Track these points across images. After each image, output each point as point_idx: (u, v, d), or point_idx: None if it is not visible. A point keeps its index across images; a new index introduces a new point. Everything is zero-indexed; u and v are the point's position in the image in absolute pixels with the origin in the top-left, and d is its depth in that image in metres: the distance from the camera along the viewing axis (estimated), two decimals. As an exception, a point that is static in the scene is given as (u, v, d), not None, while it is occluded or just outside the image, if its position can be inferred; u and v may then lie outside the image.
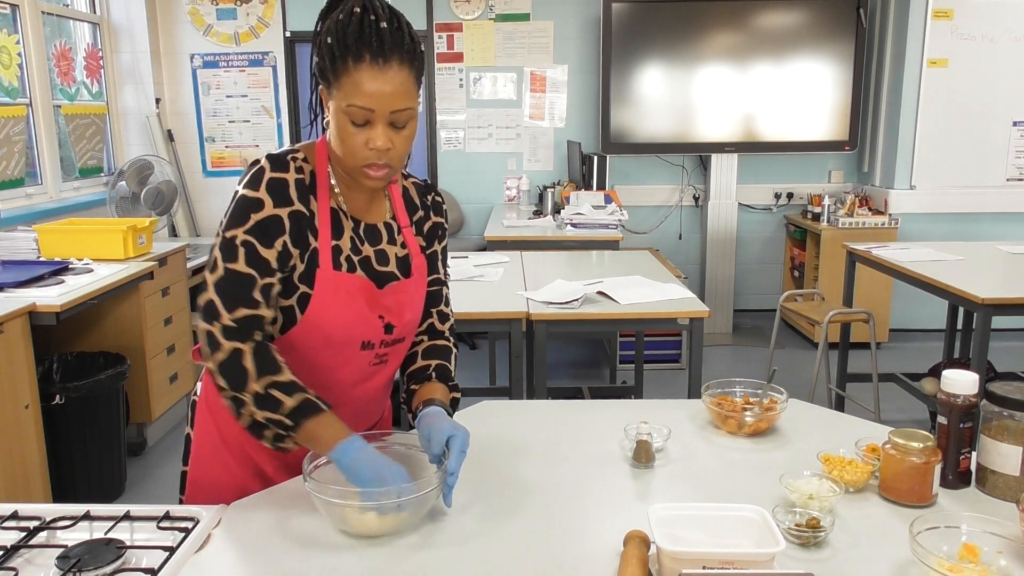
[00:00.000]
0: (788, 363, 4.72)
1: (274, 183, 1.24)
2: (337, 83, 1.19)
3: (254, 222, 1.22)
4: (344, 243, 1.32)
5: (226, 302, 1.22)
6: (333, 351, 1.32)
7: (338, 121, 1.22)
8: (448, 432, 1.23)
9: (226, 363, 1.21)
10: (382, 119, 1.20)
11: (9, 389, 2.60)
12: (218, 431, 1.41)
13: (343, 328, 1.30)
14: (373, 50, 1.17)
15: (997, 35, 4.96)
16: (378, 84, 1.18)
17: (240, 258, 1.22)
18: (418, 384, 1.41)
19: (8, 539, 1.13)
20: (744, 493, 1.28)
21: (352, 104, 1.18)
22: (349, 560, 1.10)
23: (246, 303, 1.22)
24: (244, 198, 1.24)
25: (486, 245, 4.26)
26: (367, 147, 1.21)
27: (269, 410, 1.20)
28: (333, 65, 1.19)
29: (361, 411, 1.44)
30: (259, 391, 1.20)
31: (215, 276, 1.23)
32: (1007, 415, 1.25)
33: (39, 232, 3.39)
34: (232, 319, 1.21)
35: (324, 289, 1.28)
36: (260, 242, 1.23)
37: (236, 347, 1.21)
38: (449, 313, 1.52)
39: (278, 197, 1.24)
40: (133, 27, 5.13)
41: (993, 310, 2.87)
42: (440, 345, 1.47)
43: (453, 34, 5.43)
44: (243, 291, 1.22)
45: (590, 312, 2.60)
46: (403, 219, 1.42)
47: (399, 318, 1.36)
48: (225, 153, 5.51)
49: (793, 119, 5.26)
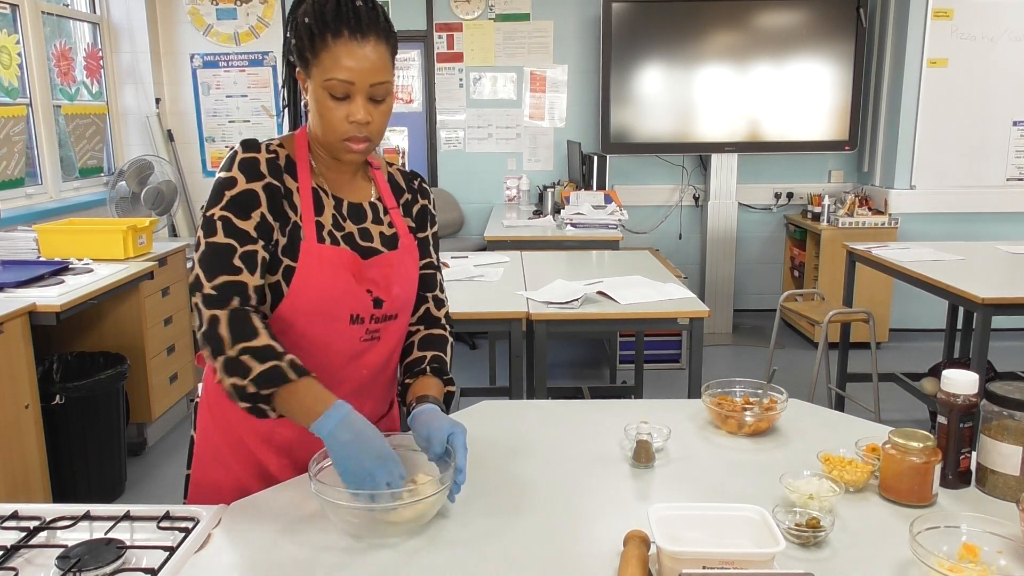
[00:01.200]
0: (788, 363, 4.72)
1: (245, 162, 1.29)
2: (316, 60, 1.24)
3: (228, 198, 1.27)
4: (326, 219, 1.35)
5: (207, 272, 1.25)
6: (323, 325, 1.32)
7: (317, 97, 1.26)
8: (447, 430, 1.23)
9: (206, 332, 1.23)
10: (361, 92, 1.25)
11: (9, 389, 2.60)
12: (218, 432, 1.41)
13: (330, 300, 1.31)
14: (351, 26, 1.22)
15: (997, 35, 4.96)
16: (356, 58, 1.23)
17: (219, 231, 1.26)
18: (412, 378, 1.41)
19: (8, 539, 1.13)
20: (744, 493, 1.28)
21: (332, 78, 1.23)
22: (349, 559, 1.10)
23: (226, 271, 1.25)
24: (219, 179, 1.29)
25: (486, 245, 4.26)
26: (347, 120, 1.25)
27: (238, 376, 1.20)
28: (312, 43, 1.24)
29: (362, 392, 1.42)
30: (232, 356, 1.20)
31: (199, 252, 1.27)
32: (1007, 415, 1.25)
33: (39, 232, 3.39)
34: (212, 286, 1.24)
35: (308, 261, 1.30)
36: (236, 215, 1.26)
37: (213, 314, 1.23)
38: (444, 299, 1.53)
39: (249, 173, 1.28)
40: (133, 27, 5.13)
41: (993, 310, 2.87)
42: (436, 335, 1.48)
43: (453, 34, 5.43)
44: (223, 260, 1.25)
45: (590, 312, 2.60)
46: (389, 200, 1.44)
47: (387, 292, 1.37)
48: (225, 153, 5.50)
49: (793, 119, 5.26)
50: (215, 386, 1.40)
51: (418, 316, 1.49)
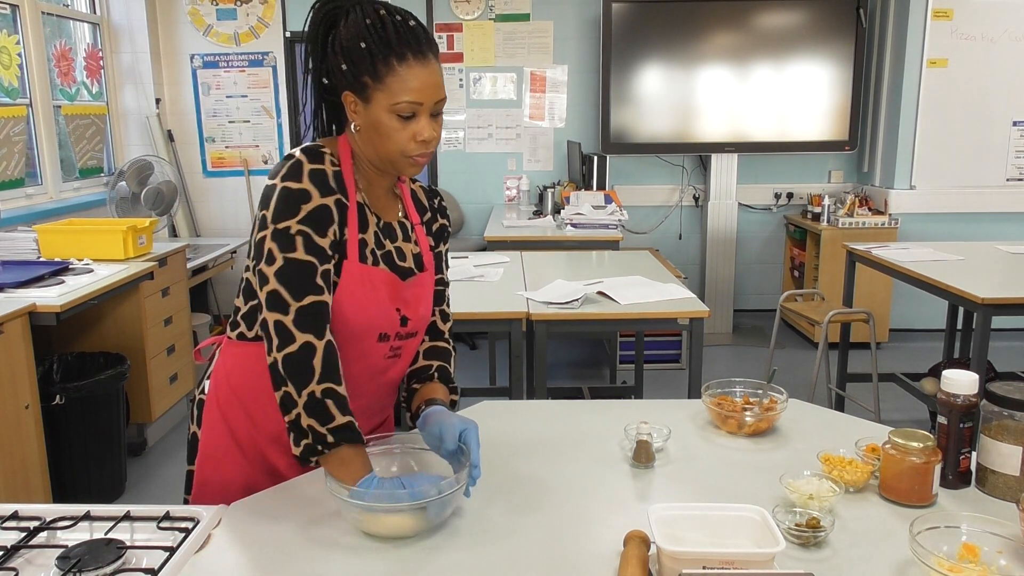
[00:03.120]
0: (788, 363, 4.72)
1: (315, 174, 1.25)
2: (380, 84, 1.22)
3: (305, 212, 1.23)
4: (369, 237, 1.34)
5: (292, 290, 1.21)
6: (353, 343, 1.32)
7: (382, 119, 1.24)
8: (459, 426, 1.24)
9: (294, 356, 1.19)
10: (427, 111, 1.25)
11: (9, 389, 2.60)
12: (229, 430, 1.40)
13: (365, 320, 1.31)
14: (413, 48, 1.22)
15: (997, 35, 4.96)
16: (423, 78, 1.23)
17: (299, 247, 1.22)
18: (420, 383, 1.43)
19: (8, 539, 1.13)
20: (744, 493, 1.28)
21: (401, 101, 1.22)
22: (349, 559, 1.10)
23: (311, 289, 1.22)
24: (288, 190, 1.23)
25: (486, 245, 4.26)
26: (415, 140, 1.25)
27: (317, 419, 1.19)
28: (374, 67, 1.21)
29: (372, 408, 1.45)
30: (316, 395, 1.19)
31: (275, 267, 1.21)
32: (1007, 415, 1.25)
33: (39, 232, 3.39)
34: (301, 306, 1.20)
35: (351, 280, 1.29)
36: (315, 231, 1.23)
37: (309, 340, 1.20)
38: (450, 314, 1.55)
39: (322, 187, 1.25)
40: (133, 27, 5.13)
41: (993, 310, 2.87)
42: (440, 347, 1.50)
43: (453, 34, 5.43)
44: (307, 278, 1.22)
45: (590, 312, 2.60)
46: (414, 217, 1.45)
47: (414, 311, 1.38)
48: (225, 153, 5.51)
49: (793, 119, 5.26)
50: (225, 384, 1.40)
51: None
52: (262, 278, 1.22)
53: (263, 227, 1.23)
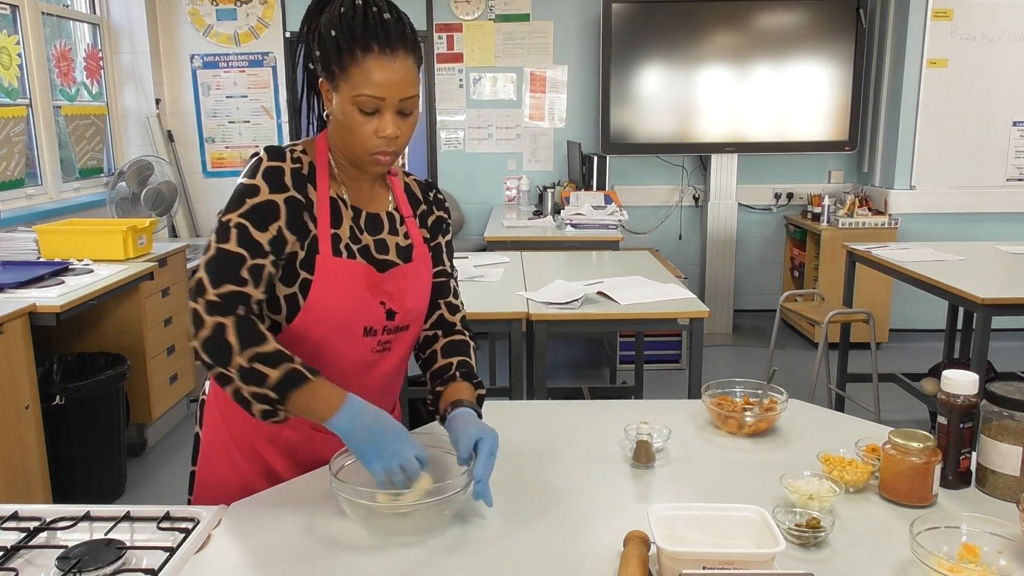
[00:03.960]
0: (788, 363, 4.72)
1: (270, 171, 1.27)
2: (344, 75, 1.22)
3: (249, 206, 1.25)
4: (343, 231, 1.33)
5: (213, 279, 1.22)
6: (337, 338, 1.32)
7: (345, 111, 1.24)
8: (475, 435, 1.22)
9: (210, 339, 1.20)
10: (391, 107, 1.23)
11: (9, 389, 2.60)
12: (227, 430, 1.40)
13: (345, 313, 1.31)
14: (380, 41, 1.21)
15: (997, 35, 4.96)
16: (387, 73, 1.21)
17: (232, 239, 1.23)
18: (443, 385, 1.40)
19: (8, 540, 1.13)
20: (744, 493, 1.28)
21: (362, 94, 1.21)
22: (348, 559, 1.10)
23: (233, 280, 1.23)
24: (241, 185, 1.27)
25: (486, 245, 4.26)
26: (377, 135, 1.24)
27: (255, 384, 1.19)
28: (339, 57, 1.21)
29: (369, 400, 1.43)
30: (244, 364, 1.19)
31: (206, 256, 1.24)
32: (1007, 415, 1.25)
33: (39, 233, 3.39)
34: (217, 294, 1.21)
35: (324, 275, 1.29)
36: (253, 224, 1.24)
37: (218, 321, 1.20)
38: (459, 305, 1.53)
39: (274, 184, 1.26)
40: (133, 28, 5.13)
41: (993, 310, 2.87)
42: (458, 340, 1.47)
43: (453, 34, 5.43)
44: (231, 269, 1.23)
45: (590, 312, 2.60)
46: (406, 210, 1.43)
47: (401, 304, 1.36)
48: (225, 154, 5.51)
49: (793, 119, 5.26)
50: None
51: (432, 322, 1.49)
52: (197, 267, 1.25)
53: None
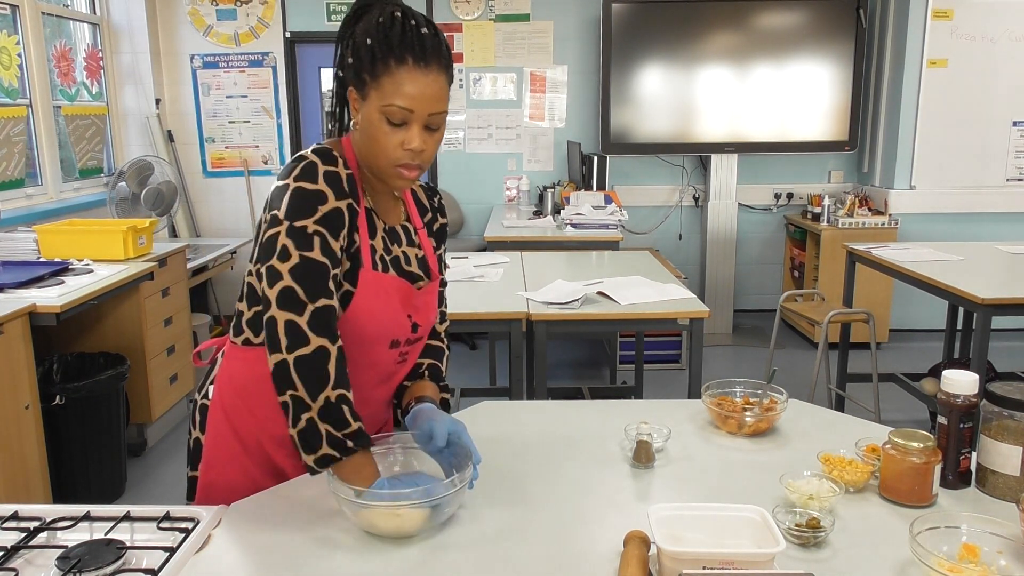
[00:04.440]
0: (788, 363, 4.72)
1: (330, 176, 1.23)
2: (376, 83, 1.20)
3: (321, 213, 1.20)
4: (378, 243, 1.33)
5: (308, 291, 1.17)
6: (364, 349, 1.32)
7: (372, 121, 1.22)
8: (448, 425, 1.25)
9: (308, 359, 1.16)
10: (419, 120, 1.22)
11: (9, 389, 2.60)
12: (235, 435, 1.39)
13: (379, 327, 1.31)
14: (415, 53, 1.19)
15: (997, 35, 4.96)
16: (419, 86, 1.20)
17: (316, 247, 1.19)
18: (410, 381, 1.44)
19: (8, 539, 1.13)
20: (744, 493, 1.28)
21: (392, 104, 1.20)
22: (348, 559, 1.10)
23: (325, 293, 1.19)
24: (303, 190, 1.21)
25: (486, 245, 4.26)
26: (402, 148, 1.22)
27: (333, 425, 1.16)
28: (373, 65, 1.20)
29: (376, 413, 1.45)
30: (332, 400, 1.16)
31: (289, 263, 1.18)
32: (1007, 415, 1.25)
33: (39, 233, 3.39)
34: (316, 309, 1.17)
35: (367, 288, 1.29)
36: (330, 232, 1.21)
37: (323, 345, 1.17)
38: (446, 314, 1.55)
39: (336, 190, 1.23)
40: (133, 28, 5.13)
41: (993, 310, 2.87)
42: (434, 345, 1.50)
43: (453, 34, 5.43)
44: (321, 280, 1.19)
45: (590, 312, 2.60)
46: (417, 221, 1.44)
47: (424, 317, 1.39)
48: (225, 154, 5.51)
49: (793, 119, 5.26)
50: (229, 388, 1.39)
51: None
52: (273, 274, 1.18)
53: (275, 224, 1.20)
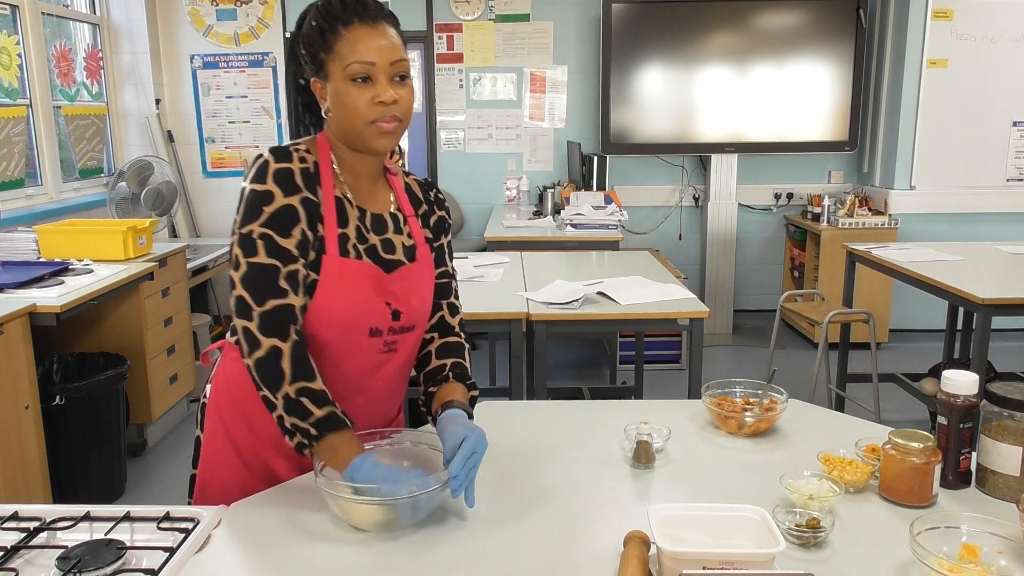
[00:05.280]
0: (788, 363, 4.72)
1: (280, 173, 1.26)
2: (332, 54, 1.25)
3: (267, 214, 1.24)
4: (350, 231, 1.33)
5: (255, 296, 1.23)
6: (342, 339, 1.32)
7: (340, 89, 1.26)
8: (462, 435, 1.23)
9: (263, 361, 1.22)
10: (384, 72, 1.25)
11: (9, 389, 2.60)
12: (228, 434, 1.40)
13: (351, 315, 1.31)
14: (360, 13, 1.25)
15: (997, 35, 4.96)
16: (372, 38, 1.25)
17: (260, 251, 1.23)
18: (436, 386, 1.41)
19: (8, 540, 1.13)
20: (744, 493, 1.28)
21: (352, 62, 1.24)
22: (348, 560, 1.10)
23: (274, 293, 1.23)
24: (253, 192, 1.25)
25: (486, 246, 4.26)
26: (374, 102, 1.25)
27: (297, 417, 1.22)
28: (324, 41, 1.25)
29: (375, 402, 1.43)
30: (291, 395, 1.21)
31: (240, 273, 1.24)
32: (1007, 415, 1.25)
33: (39, 233, 3.39)
34: (263, 312, 1.22)
35: (331, 276, 1.29)
36: (277, 233, 1.24)
37: (275, 345, 1.22)
38: (459, 306, 1.53)
39: (285, 186, 1.25)
40: (133, 28, 5.13)
41: (993, 310, 2.87)
42: (452, 342, 1.47)
43: (453, 34, 5.43)
44: (269, 282, 1.23)
45: (590, 312, 2.60)
46: (408, 210, 1.43)
47: (406, 304, 1.36)
48: (225, 154, 5.51)
49: (793, 119, 5.26)
50: (226, 389, 1.40)
51: (432, 324, 1.48)
52: (231, 284, 1.26)
53: (232, 233, 1.27)
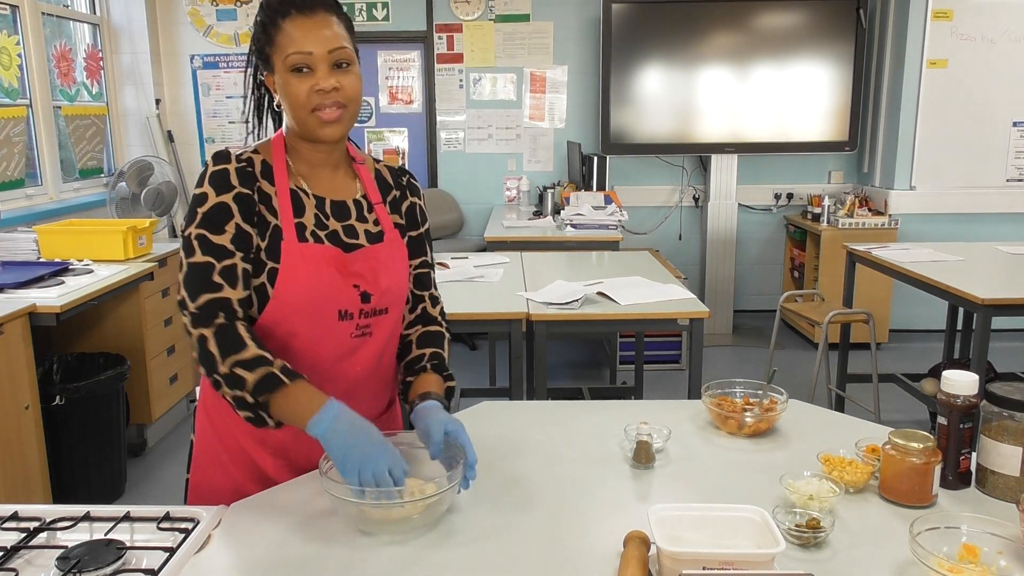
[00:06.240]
0: (788, 363, 4.72)
1: (215, 175, 1.30)
2: (274, 48, 1.28)
3: (201, 215, 1.28)
4: (307, 219, 1.35)
5: (190, 293, 1.27)
6: (310, 323, 1.32)
7: (283, 81, 1.29)
8: (445, 424, 1.25)
9: (198, 352, 1.26)
10: (322, 61, 1.27)
11: (9, 390, 2.60)
12: (216, 435, 1.40)
13: (316, 297, 1.31)
14: (297, 5, 1.27)
15: (997, 35, 4.96)
16: (307, 28, 1.26)
17: (196, 250, 1.28)
18: (413, 376, 1.43)
19: (8, 540, 1.13)
20: (744, 493, 1.28)
21: (290, 53, 1.26)
22: (349, 560, 1.10)
23: (207, 288, 1.27)
24: (193, 197, 1.31)
25: (486, 246, 4.27)
26: (313, 91, 1.27)
27: (237, 389, 1.24)
28: (267, 35, 1.28)
29: (356, 391, 1.40)
30: (226, 371, 1.23)
31: (182, 274, 1.29)
32: (1007, 415, 1.25)
33: (39, 233, 3.39)
34: (196, 307, 1.26)
35: (290, 260, 1.30)
36: (210, 231, 1.28)
37: (200, 333, 1.25)
38: (439, 296, 1.54)
39: (219, 186, 1.29)
40: (133, 28, 5.13)
41: (993, 311, 2.87)
42: (433, 331, 1.49)
43: (453, 35, 5.43)
44: (203, 278, 1.27)
45: (590, 313, 2.60)
46: (374, 196, 1.44)
47: (375, 285, 1.36)
48: (225, 154, 5.51)
49: (793, 120, 5.26)
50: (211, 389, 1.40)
51: (415, 315, 1.50)
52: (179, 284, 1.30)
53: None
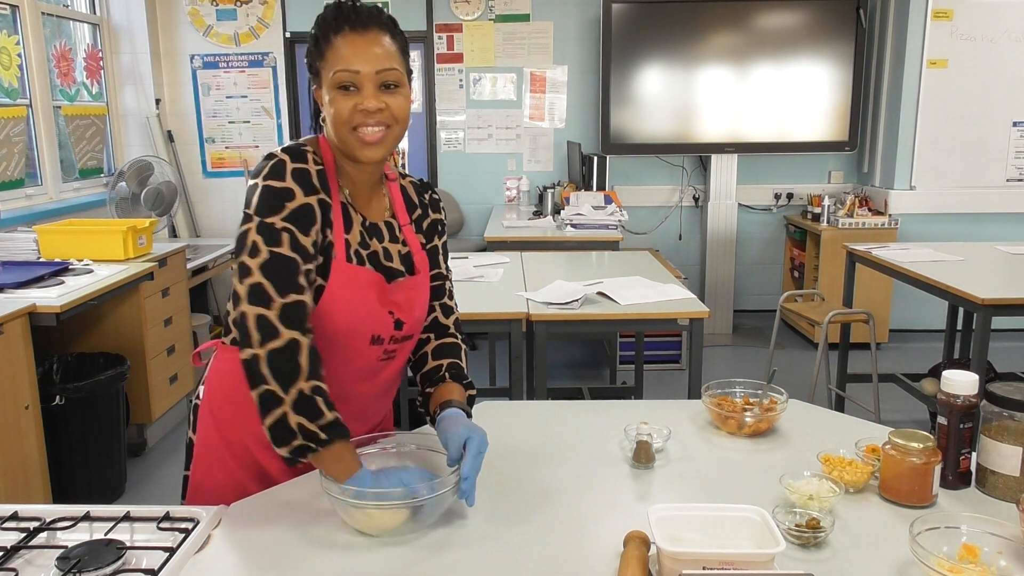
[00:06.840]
0: (788, 363, 4.72)
1: (298, 172, 1.24)
2: (324, 62, 1.25)
3: (289, 210, 1.21)
4: (353, 237, 1.33)
5: (277, 286, 1.18)
6: (342, 344, 1.31)
7: (329, 97, 1.26)
8: (464, 435, 1.23)
9: (280, 352, 1.15)
10: (370, 81, 1.25)
11: (9, 390, 2.60)
12: (220, 434, 1.40)
13: (354, 321, 1.30)
14: (351, 21, 1.25)
15: (997, 35, 4.96)
16: (358, 47, 1.24)
17: (284, 243, 1.20)
18: (433, 386, 1.41)
19: (8, 540, 1.13)
20: (744, 493, 1.28)
21: (338, 70, 1.23)
22: (349, 560, 1.10)
23: (295, 288, 1.19)
24: (271, 188, 1.22)
25: (486, 246, 4.26)
26: (357, 110, 1.24)
27: (306, 417, 1.15)
28: (318, 49, 1.26)
29: (364, 409, 1.43)
30: (306, 392, 1.15)
31: (259, 260, 1.18)
32: (1007, 415, 1.25)
33: (39, 233, 3.39)
34: (285, 303, 1.17)
35: (338, 281, 1.28)
36: (299, 229, 1.22)
37: (295, 337, 1.16)
38: (453, 306, 1.52)
39: (305, 185, 1.24)
40: (133, 28, 5.13)
41: (993, 310, 2.87)
42: (448, 343, 1.47)
43: (453, 35, 5.43)
44: (291, 275, 1.19)
45: (590, 312, 2.60)
46: (403, 217, 1.43)
47: (409, 315, 1.37)
48: (225, 154, 5.51)
49: (793, 120, 5.26)
50: (218, 388, 1.40)
51: (427, 325, 1.48)
52: (244, 270, 1.19)
53: (246, 221, 1.22)
